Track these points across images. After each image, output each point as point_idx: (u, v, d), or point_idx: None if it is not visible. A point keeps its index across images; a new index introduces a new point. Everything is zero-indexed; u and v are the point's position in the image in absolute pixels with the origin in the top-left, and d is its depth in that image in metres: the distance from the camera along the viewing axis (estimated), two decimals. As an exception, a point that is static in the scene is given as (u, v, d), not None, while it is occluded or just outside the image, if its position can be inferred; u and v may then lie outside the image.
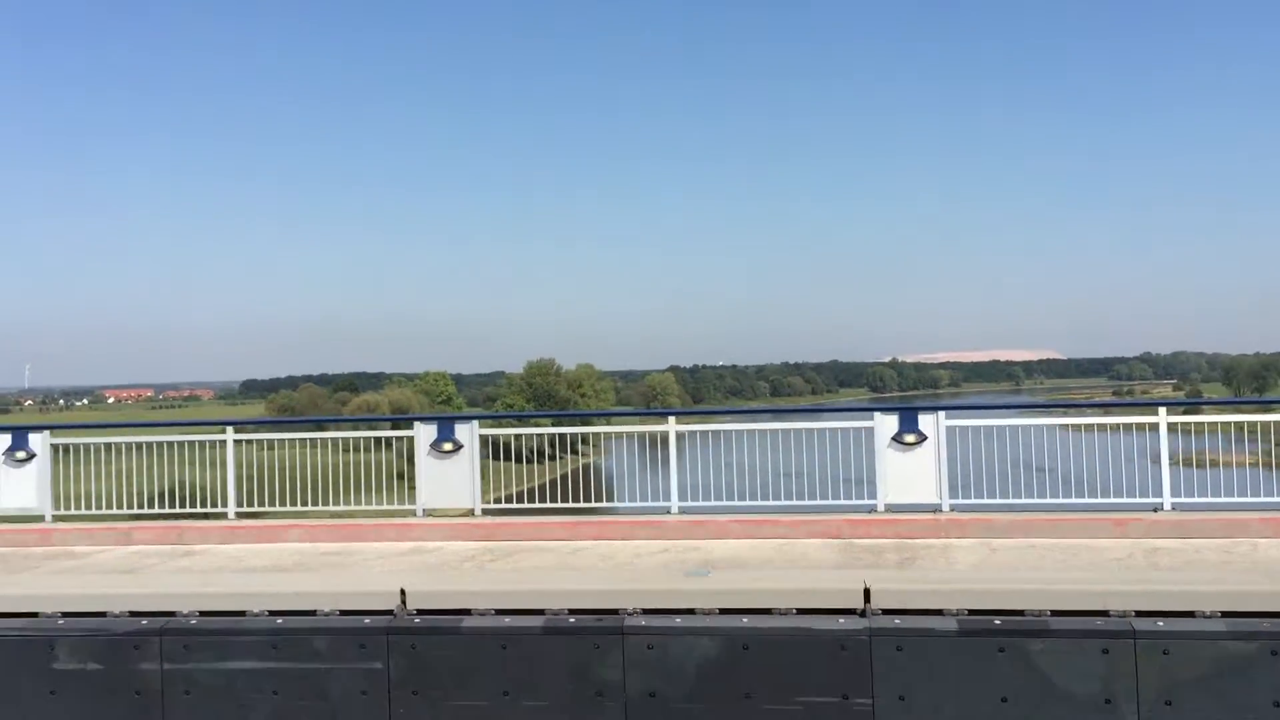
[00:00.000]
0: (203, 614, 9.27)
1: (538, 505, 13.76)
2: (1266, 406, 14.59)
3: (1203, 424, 13.46)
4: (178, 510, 14.39)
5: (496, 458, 15.00)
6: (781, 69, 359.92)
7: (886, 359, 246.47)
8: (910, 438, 12.76)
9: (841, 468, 13.15)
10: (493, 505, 14.06)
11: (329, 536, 13.14)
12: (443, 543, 12.76)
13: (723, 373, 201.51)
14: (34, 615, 9.41)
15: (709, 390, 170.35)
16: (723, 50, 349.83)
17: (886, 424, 12.86)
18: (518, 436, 15.54)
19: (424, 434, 13.57)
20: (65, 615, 9.36)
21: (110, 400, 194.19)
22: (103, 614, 9.32)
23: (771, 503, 13.34)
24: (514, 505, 14.41)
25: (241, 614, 9.24)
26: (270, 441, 14.98)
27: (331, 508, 13.86)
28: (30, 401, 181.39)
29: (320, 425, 20.37)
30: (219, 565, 11.87)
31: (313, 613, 9.15)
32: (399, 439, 14.68)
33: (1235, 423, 13.35)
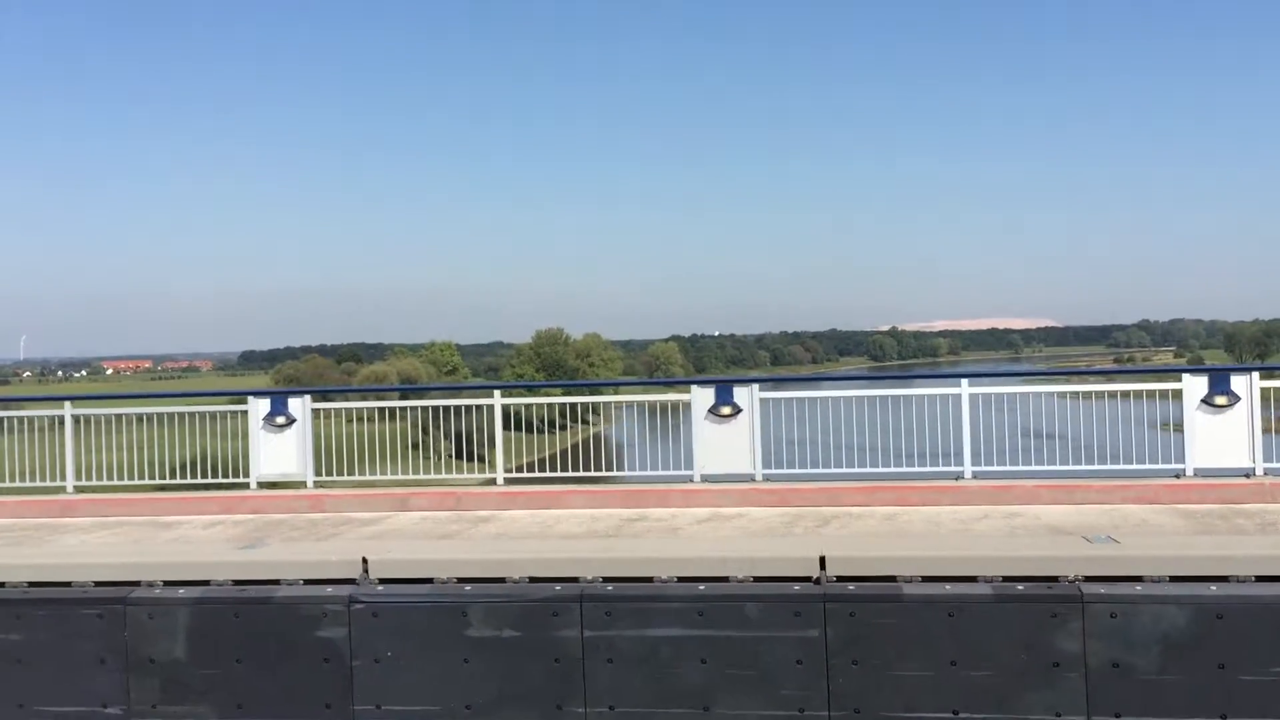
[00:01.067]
0: (610, 579, 8.85)
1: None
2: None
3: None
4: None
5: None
6: (779, 33, 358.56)
7: (885, 328, 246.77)
8: (1221, 399, 12.46)
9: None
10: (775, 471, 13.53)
11: (614, 502, 12.75)
12: (740, 509, 12.39)
13: (723, 342, 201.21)
14: (429, 580, 9.02)
15: (710, 360, 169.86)
16: (721, 13, 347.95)
17: (1196, 386, 12.60)
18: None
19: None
20: (462, 580, 8.97)
21: (109, 372, 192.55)
22: (503, 579, 8.90)
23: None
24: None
25: (649, 580, 8.81)
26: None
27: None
28: (29, 373, 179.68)
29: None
30: (528, 531, 11.46)
31: (726, 579, 8.73)
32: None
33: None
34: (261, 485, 13.65)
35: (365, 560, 9.11)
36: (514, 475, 13.80)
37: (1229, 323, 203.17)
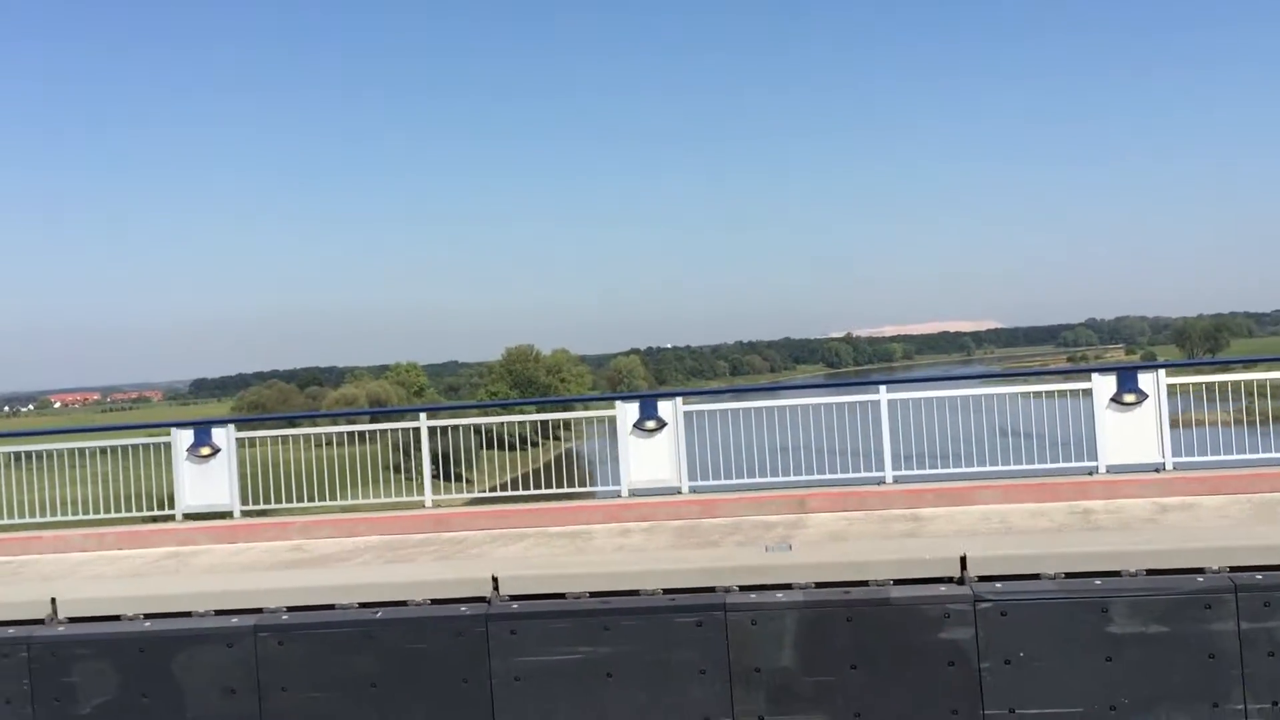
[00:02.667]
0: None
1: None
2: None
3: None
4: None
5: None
6: (728, 41, 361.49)
7: (839, 334, 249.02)
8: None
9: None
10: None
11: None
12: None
13: (681, 354, 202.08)
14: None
15: (670, 372, 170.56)
16: (671, 21, 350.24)
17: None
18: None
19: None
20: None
21: (57, 405, 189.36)
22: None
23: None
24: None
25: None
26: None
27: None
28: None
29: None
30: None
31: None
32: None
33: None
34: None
35: (964, 558, 8.67)
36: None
37: (1174, 318, 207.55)
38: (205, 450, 13.60)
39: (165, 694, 8.78)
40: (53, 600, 9.15)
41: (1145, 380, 12.77)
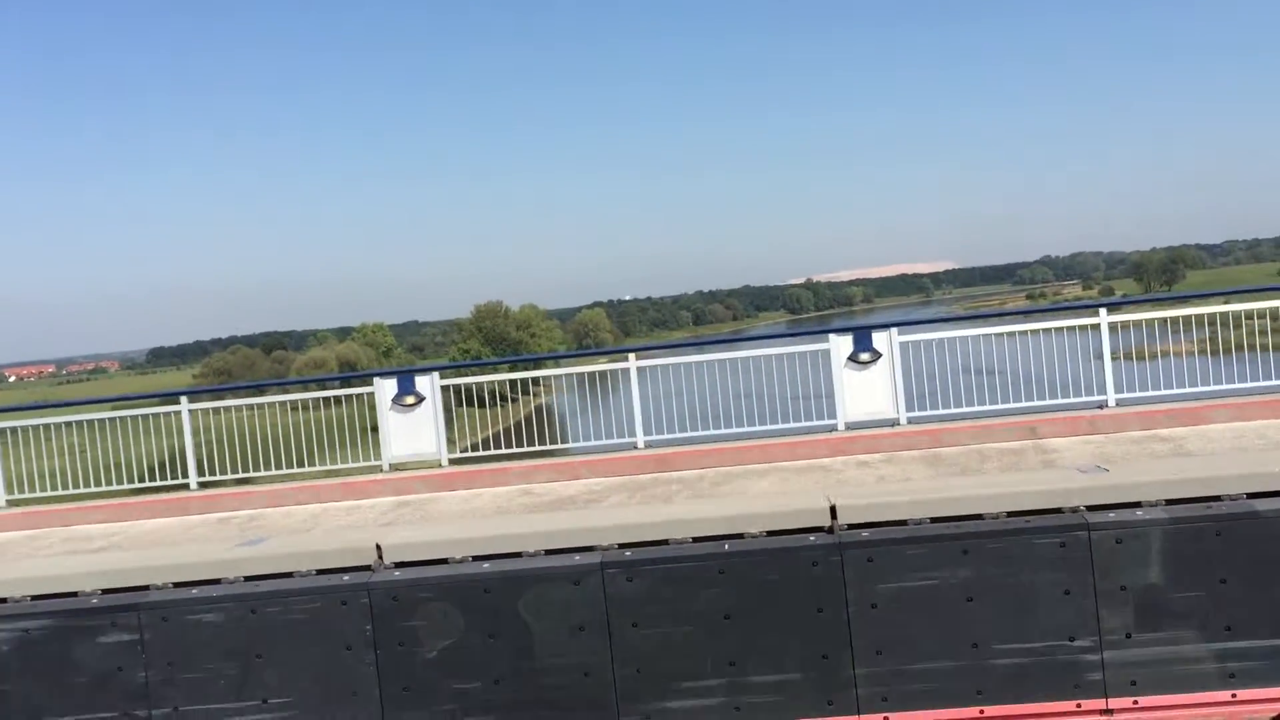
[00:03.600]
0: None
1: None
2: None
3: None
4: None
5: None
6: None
7: (800, 280, 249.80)
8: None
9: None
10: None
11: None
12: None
13: (644, 305, 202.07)
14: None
15: (634, 323, 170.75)
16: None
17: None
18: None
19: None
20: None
21: (11, 379, 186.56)
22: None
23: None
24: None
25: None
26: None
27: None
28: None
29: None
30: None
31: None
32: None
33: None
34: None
35: None
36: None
37: (1129, 252, 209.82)
38: (410, 400, 13.62)
39: (512, 634, 8.69)
40: (377, 546, 9.01)
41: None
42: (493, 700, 8.69)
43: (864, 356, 13.11)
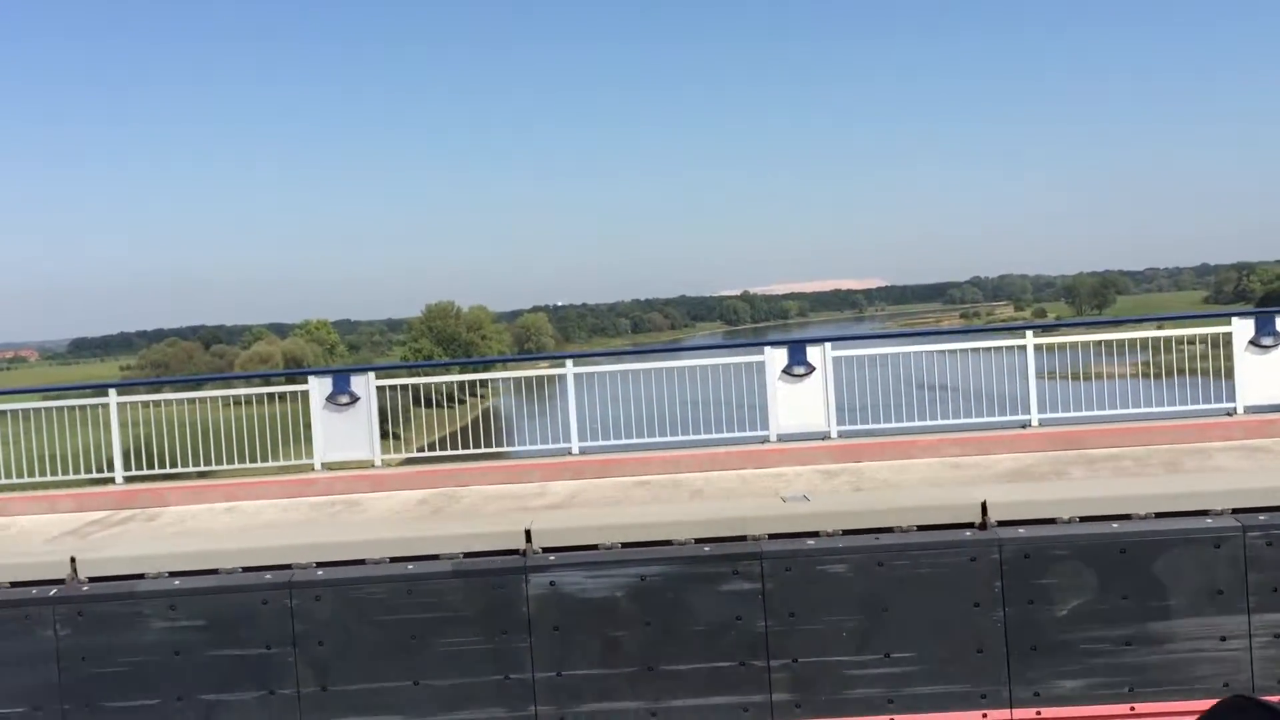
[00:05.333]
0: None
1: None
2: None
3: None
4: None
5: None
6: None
7: (736, 292, 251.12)
8: (800, 369, 13.32)
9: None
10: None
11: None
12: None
13: (584, 312, 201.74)
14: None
15: (573, 329, 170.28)
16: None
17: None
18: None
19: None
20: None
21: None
22: None
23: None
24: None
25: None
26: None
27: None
28: None
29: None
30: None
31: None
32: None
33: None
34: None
35: None
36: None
37: (1054, 276, 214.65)
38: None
39: (1144, 595, 8.74)
40: (983, 505, 9.03)
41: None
42: (1120, 662, 8.69)
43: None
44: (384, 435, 14.10)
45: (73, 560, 9.26)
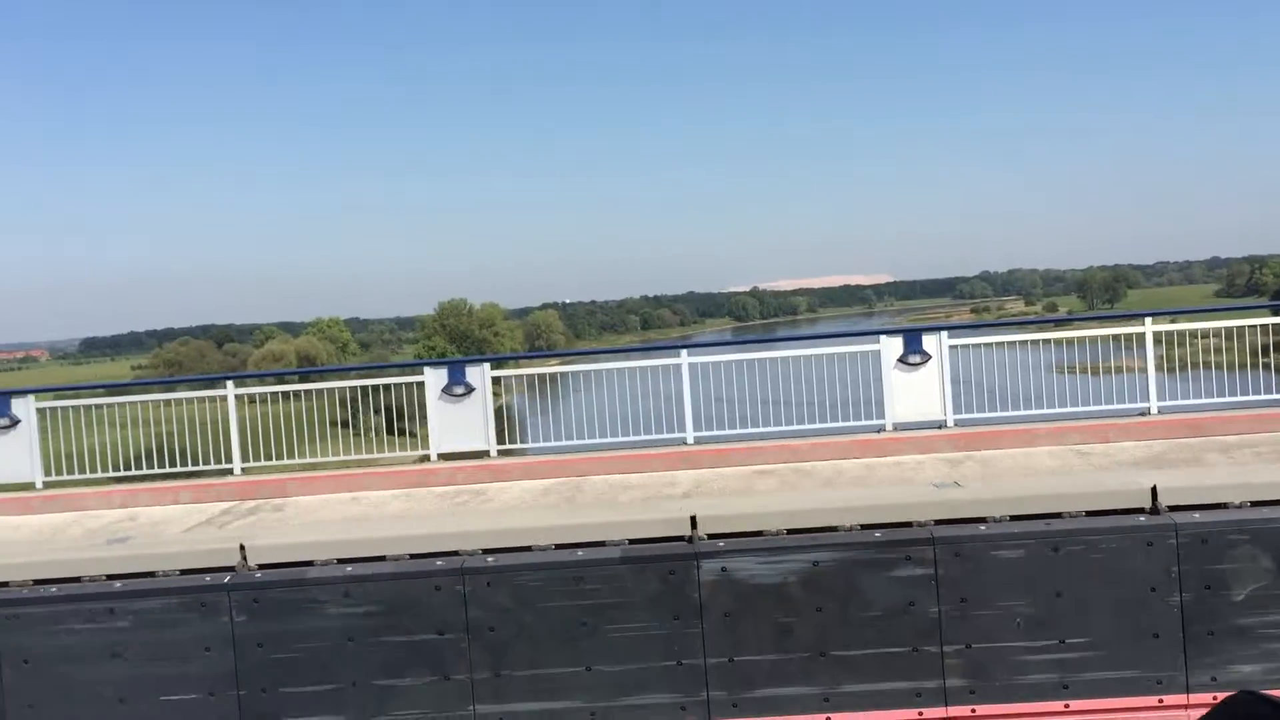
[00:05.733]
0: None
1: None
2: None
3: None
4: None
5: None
6: None
7: (741, 288, 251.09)
8: (915, 358, 13.36)
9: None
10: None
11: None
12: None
13: (593, 309, 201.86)
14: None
15: (584, 326, 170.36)
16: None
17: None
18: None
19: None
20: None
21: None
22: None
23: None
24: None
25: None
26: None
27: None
28: None
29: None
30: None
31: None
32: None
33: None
34: None
35: None
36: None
37: (1063, 270, 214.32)
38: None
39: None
40: (1153, 489, 9.02)
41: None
42: None
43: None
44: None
45: (242, 547, 9.31)
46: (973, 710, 8.89)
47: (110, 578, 9.26)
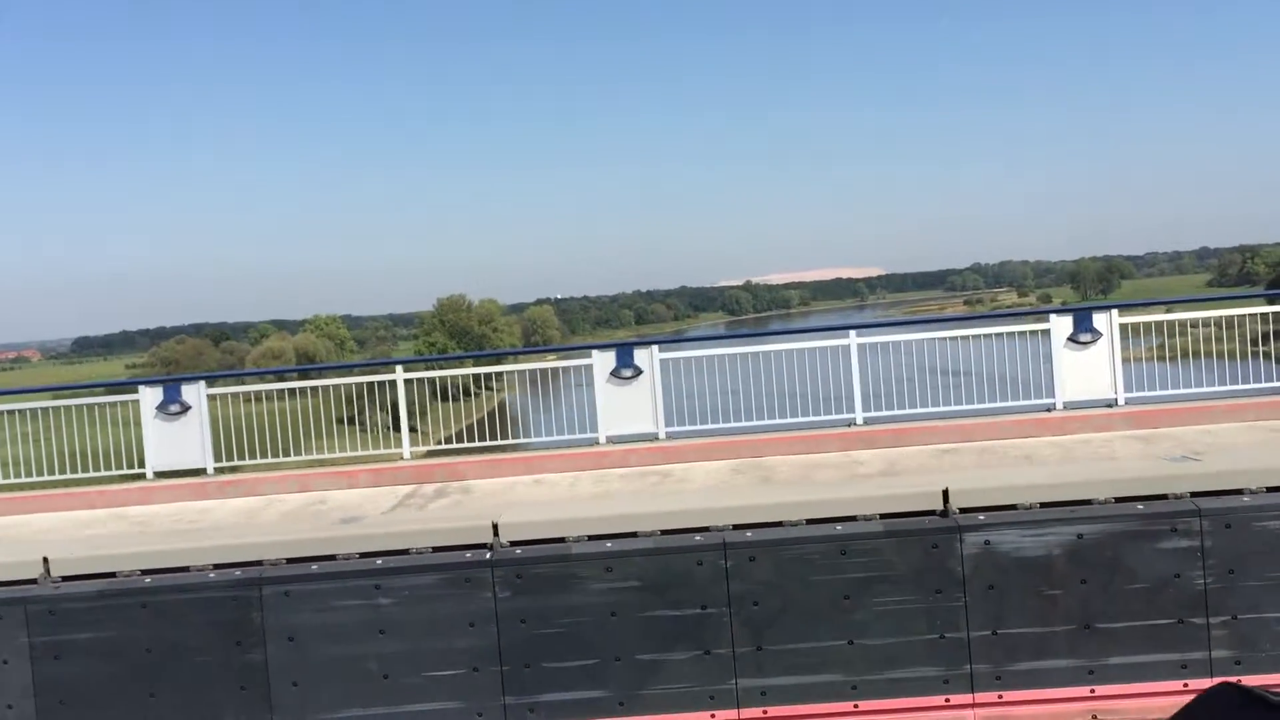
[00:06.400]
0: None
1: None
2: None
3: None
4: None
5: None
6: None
7: (734, 282, 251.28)
8: (1085, 336, 13.41)
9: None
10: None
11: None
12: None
13: (586, 304, 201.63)
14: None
15: (578, 321, 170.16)
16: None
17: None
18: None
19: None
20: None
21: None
22: None
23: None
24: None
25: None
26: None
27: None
28: None
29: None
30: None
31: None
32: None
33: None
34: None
35: None
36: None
37: (1054, 262, 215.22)
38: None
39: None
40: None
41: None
42: None
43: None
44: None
45: (494, 525, 9.24)
46: (1238, 681, 8.91)
47: (363, 555, 9.18)
